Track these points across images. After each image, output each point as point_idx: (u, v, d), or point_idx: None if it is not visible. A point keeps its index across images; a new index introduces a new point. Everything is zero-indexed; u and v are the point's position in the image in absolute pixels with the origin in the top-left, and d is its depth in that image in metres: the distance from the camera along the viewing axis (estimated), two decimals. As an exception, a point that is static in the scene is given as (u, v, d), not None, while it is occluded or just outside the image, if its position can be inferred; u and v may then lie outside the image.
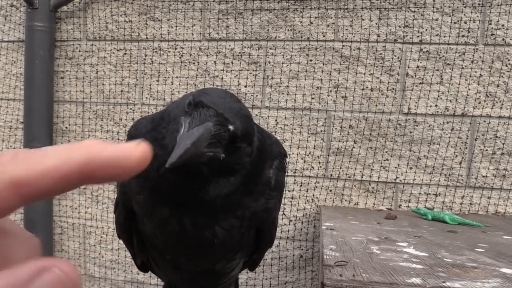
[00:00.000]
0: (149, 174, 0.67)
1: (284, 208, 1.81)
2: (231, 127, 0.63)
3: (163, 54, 1.90)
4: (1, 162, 0.22)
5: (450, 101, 1.70)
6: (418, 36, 1.70)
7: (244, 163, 0.69)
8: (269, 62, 1.81)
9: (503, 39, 1.65)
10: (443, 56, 1.69)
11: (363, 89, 1.75)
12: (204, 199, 0.68)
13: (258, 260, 1.00)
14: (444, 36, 1.68)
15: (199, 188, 0.67)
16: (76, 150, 0.23)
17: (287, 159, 0.89)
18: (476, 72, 1.68)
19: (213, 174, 0.67)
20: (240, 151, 0.68)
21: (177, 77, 1.89)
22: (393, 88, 1.73)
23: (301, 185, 1.81)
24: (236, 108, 0.66)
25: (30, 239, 0.25)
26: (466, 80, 1.68)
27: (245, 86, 1.83)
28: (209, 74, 1.86)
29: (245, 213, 0.76)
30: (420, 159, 1.72)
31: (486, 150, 1.68)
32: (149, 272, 1.02)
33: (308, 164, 1.80)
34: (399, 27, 1.71)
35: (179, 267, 0.86)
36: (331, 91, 1.77)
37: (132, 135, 0.79)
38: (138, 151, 0.24)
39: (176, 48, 1.89)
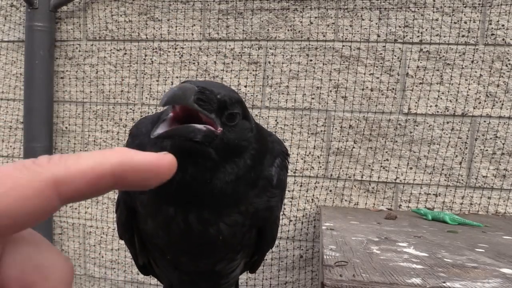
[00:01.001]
0: None
1: (284, 208, 1.81)
2: (217, 95, 0.63)
3: (163, 54, 1.90)
4: (39, 164, 0.23)
5: (450, 101, 1.70)
6: (418, 36, 1.70)
7: (249, 138, 0.69)
8: (269, 62, 1.81)
9: (503, 39, 1.65)
10: (443, 56, 1.69)
11: (363, 89, 1.75)
12: (214, 188, 0.67)
13: (258, 262, 0.99)
14: (444, 36, 1.68)
15: (210, 179, 0.66)
16: (109, 154, 0.24)
17: (289, 158, 0.89)
18: (476, 72, 1.68)
19: (222, 158, 0.66)
20: (239, 124, 0.67)
21: (177, 77, 1.89)
22: (393, 88, 1.73)
23: (301, 185, 1.81)
24: (218, 84, 0.68)
25: (64, 263, 0.25)
26: (466, 80, 1.68)
27: (245, 86, 1.83)
28: (209, 74, 1.86)
29: (249, 208, 0.76)
30: (420, 159, 1.72)
31: (486, 150, 1.68)
32: (150, 275, 1.01)
33: (308, 164, 1.80)
34: (399, 27, 1.71)
35: (180, 267, 0.86)
36: (331, 91, 1.77)
37: (133, 135, 0.79)
38: (167, 159, 0.26)
39: (176, 48, 1.89)
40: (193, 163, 0.64)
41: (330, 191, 1.79)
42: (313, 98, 1.78)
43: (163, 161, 0.26)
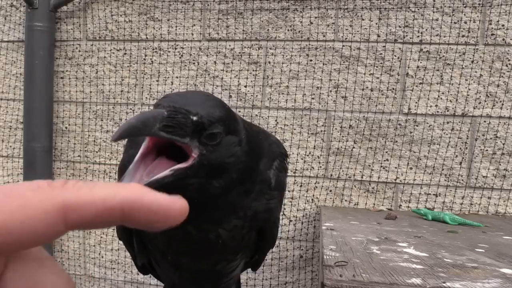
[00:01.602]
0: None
1: (284, 208, 1.81)
2: (193, 117, 0.59)
3: (163, 54, 1.90)
4: (53, 186, 0.23)
5: (450, 101, 1.70)
6: (418, 36, 1.70)
7: (235, 153, 0.66)
8: (269, 62, 1.81)
9: (503, 39, 1.65)
10: (443, 56, 1.69)
11: (363, 89, 1.75)
12: (202, 203, 0.66)
13: (259, 261, 0.99)
14: (444, 36, 1.68)
15: (199, 196, 0.64)
16: (123, 188, 0.24)
17: (288, 159, 0.89)
18: (476, 72, 1.68)
19: (206, 178, 0.63)
20: (222, 141, 0.64)
21: (177, 77, 1.89)
22: (393, 88, 1.73)
23: (301, 185, 1.81)
24: (200, 99, 0.63)
25: (66, 283, 0.25)
26: (466, 80, 1.68)
27: (245, 86, 1.83)
28: (209, 74, 1.86)
29: (247, 212, 0.76)
30: (420, 159, 1.72)
31: (486, 150, 1.68)
32: (149, 274, 1.01)
33: (308, 164, 1.80)
34: (399, 27, 1.71)
35: (180, 267, 0.87)
36: (331, 91, 1.77)
37: (132, 139, 0.79)
38: (178, 204, 0.26)
39: (176, 48, 1.89)
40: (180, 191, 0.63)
41: (330, 191, 1.79)
42: (313, 98, 1.78)
43: (174, 206, 0.25)
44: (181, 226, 0.79)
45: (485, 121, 1.68)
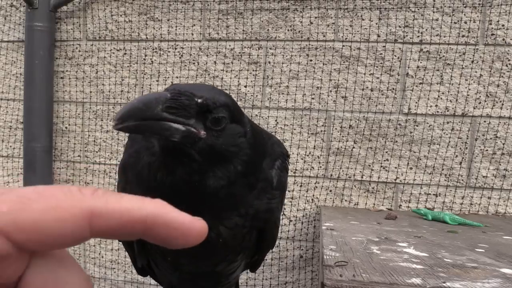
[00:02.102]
0: (150, 183, 0.66)
1: (284, 208, 1.81)
2: (198, 99, 0.59)
3: (163, 54, 1.90)
4: (83, 192, 0.24)
5: (450, 101, 1.70)
6: (418, 36, 1.70)
7: (239, 144, 0.66)
8: (269, 62, 1.81)
9: (503, 39, 1.65)
10: (443, 56, 1.69)
11: (363, 89, 1.75)
12: (205, 193, 0.66)
13: (259, 261, 0.99)
14: (444, 36, 1.68)
15: (199, 181, 0.64)
16: (148, 202, 0.26)
17: (289, 159, 0.89)
18: (476, 72, 1.68)
19: (208, 162, 0.63)
20: (227, 128, 0.64)
21: (177, 77, 1.89)
22: (393, 88, 1.73)
23: (301, 185, 1.81)
24: (205, 87, 0.63)
25: (84, 281, 0.26)
26: (466, 80, 1.68)
27: (245, 86, 1.83)
28: (209, 74, 1.86)
29: (249, 210, 0.75)
30: (420, 159, 1.72)
31: (486, 150, 1.68)
32: (148, 275, 1.01)
33: (308, 164, 1.80)
34: (399, 27, 1.71)
35: (180, 268, 0.86)
36: (331, 91, 1.77)
37: (132, 138, 0.79)
38: (198, 225, 0.27)
39: (176, 48, 1.89)
40: (180, 164, 0.63)
41: (330, 191, 1.79)
42: (313, 98, 1.78)
43: (195, 225, 0.26)
44: None
45: (485, 121, 1.68)
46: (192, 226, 0.26)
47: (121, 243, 0.95)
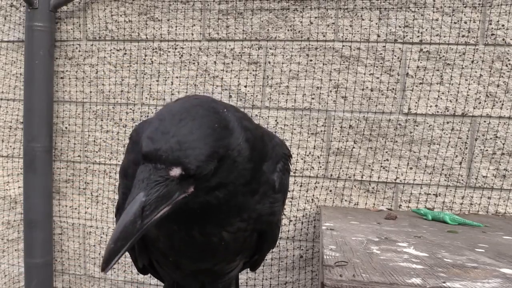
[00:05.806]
0: None
1: (285, 208, 1.81)
2: (176, 171, 0.56)
3: (163, 54, 1.90)
4: None
5: (450, 101, 1.70)
6: (418, 36, 1.70)
7: (237, 167, 0.65)
8: (269, 62, 1.81)
9: (503, 39, 1.65)
10: (443, 56, 1.69)
11: (363, 89, 1.75)
12: (208, 209, 0.67)
13: (259, 261, 1.00)
14: (444, 36, 1.68)
15: (202, 201, 0.66)
16: None
17: (291, 160, 0.89)
18: (476, 72, 1.68)
19: (208, 193, 0.64)
20: (219, 169, 0.62)
21: (177, 77, 1.89)
22: (393, 88, 1.73)
23: (301, 185, 1.81)
24: (186, 132, 0.58)
25: None
26: (466, 80, 1.68)
27: (245, 86, 1.83)
28: (209, 74, 1.86)
29: (251, 215, 0.76)
30: (420, 159, 1.72)
31: (486, 150, 1.68)
32: (149, 274, 1.02)
33: (308, 164, 1.80)
34: (399, 27, 1.71)
35: (181, 267, 0.87)
36: (331, 91, 1.77)
37: (134, 140, 0.79)
38: None
39: (176, 48, 1.89)
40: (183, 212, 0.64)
41: (330, 191, 1.79)
42: (313, 98, 1.78)
43: None
44: (186, 230, 0.79)
45: (485, 121, 1.68)
46: None
47: None
